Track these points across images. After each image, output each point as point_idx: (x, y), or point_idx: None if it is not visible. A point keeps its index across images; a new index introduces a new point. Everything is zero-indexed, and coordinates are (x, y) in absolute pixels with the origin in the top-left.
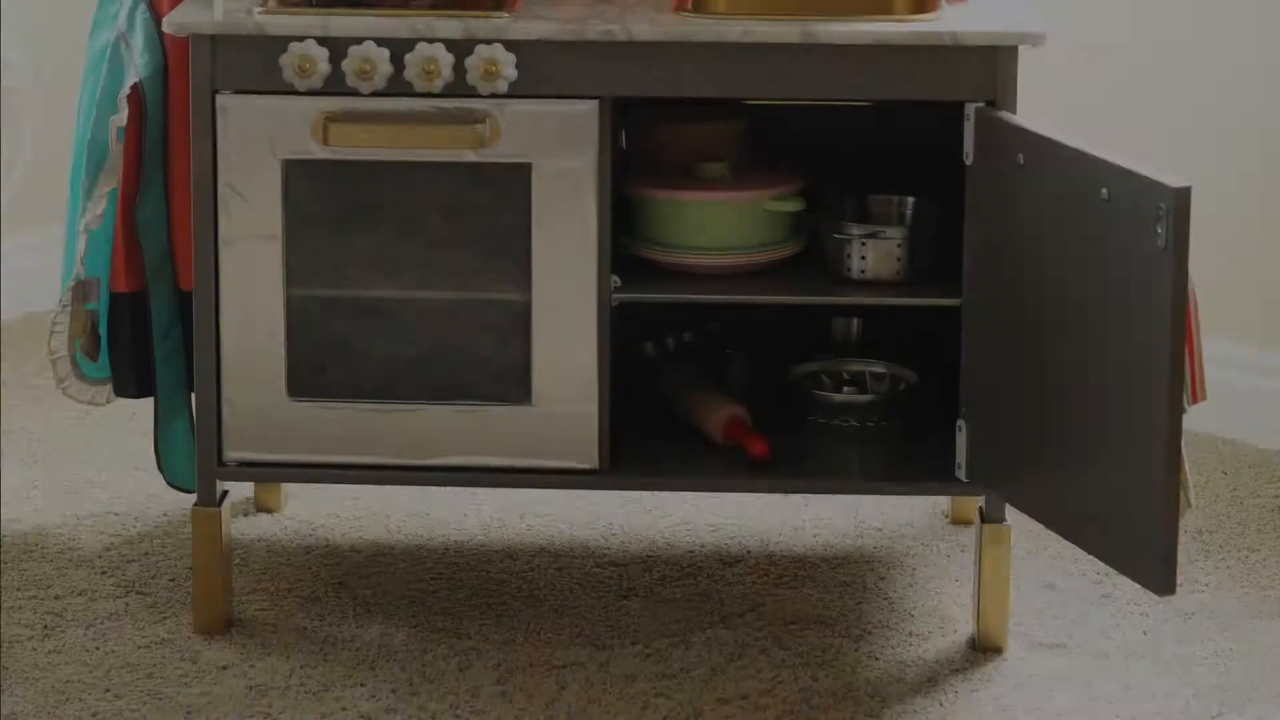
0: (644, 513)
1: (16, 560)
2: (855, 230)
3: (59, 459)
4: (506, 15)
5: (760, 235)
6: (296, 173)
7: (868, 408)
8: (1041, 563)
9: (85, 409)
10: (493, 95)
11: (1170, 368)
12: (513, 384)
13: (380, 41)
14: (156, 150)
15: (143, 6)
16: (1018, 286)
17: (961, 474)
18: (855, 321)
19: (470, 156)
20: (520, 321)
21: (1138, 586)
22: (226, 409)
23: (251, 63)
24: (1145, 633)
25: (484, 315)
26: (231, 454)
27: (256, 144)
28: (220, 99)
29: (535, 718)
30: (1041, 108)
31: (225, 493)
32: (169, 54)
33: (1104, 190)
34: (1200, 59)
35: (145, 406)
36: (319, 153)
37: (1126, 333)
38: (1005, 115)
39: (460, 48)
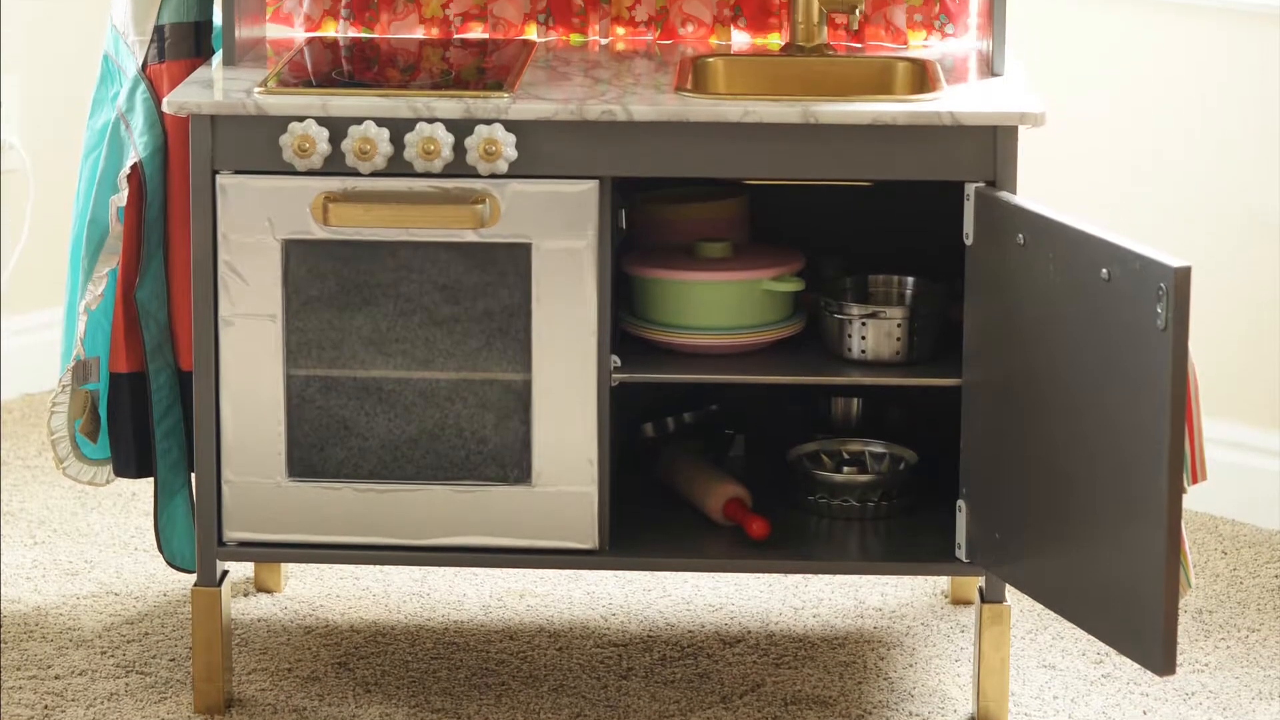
0: (644, 592)
1: (17, 640)
2: (855, 310)
3: (59, 539)
4: (506, 95)
5: (760, 315)
6: (296, 253)
7: (868, 488)
8: (1041, 642)
9: (85, 489)
10: (493, 175)
11: (1170, 447)
12: (512, 464)
13: (380, 121)
14: (156, 230)
15: (143, 87)
16: (1018, 366)
17: (961, 554)
18: (855, 401)
19: (470, 236)
20: (520, 401)
21: (1138, 666)
22: (226, 489)
23: (251, 143)
24: (1145, 713)
25: (484, 395)
26: (231, 534)
27: (256, 224)
28: (220, 179)
29: None
30: (1042, 187)
31: (225, 573)
32: (169, 134)
33: (1104, 270)
34: (1202, 141)
35: (145, 487)
36: (319, 233)
37: (1127, 412)
38: (1005, 195)
39: (460, 128)
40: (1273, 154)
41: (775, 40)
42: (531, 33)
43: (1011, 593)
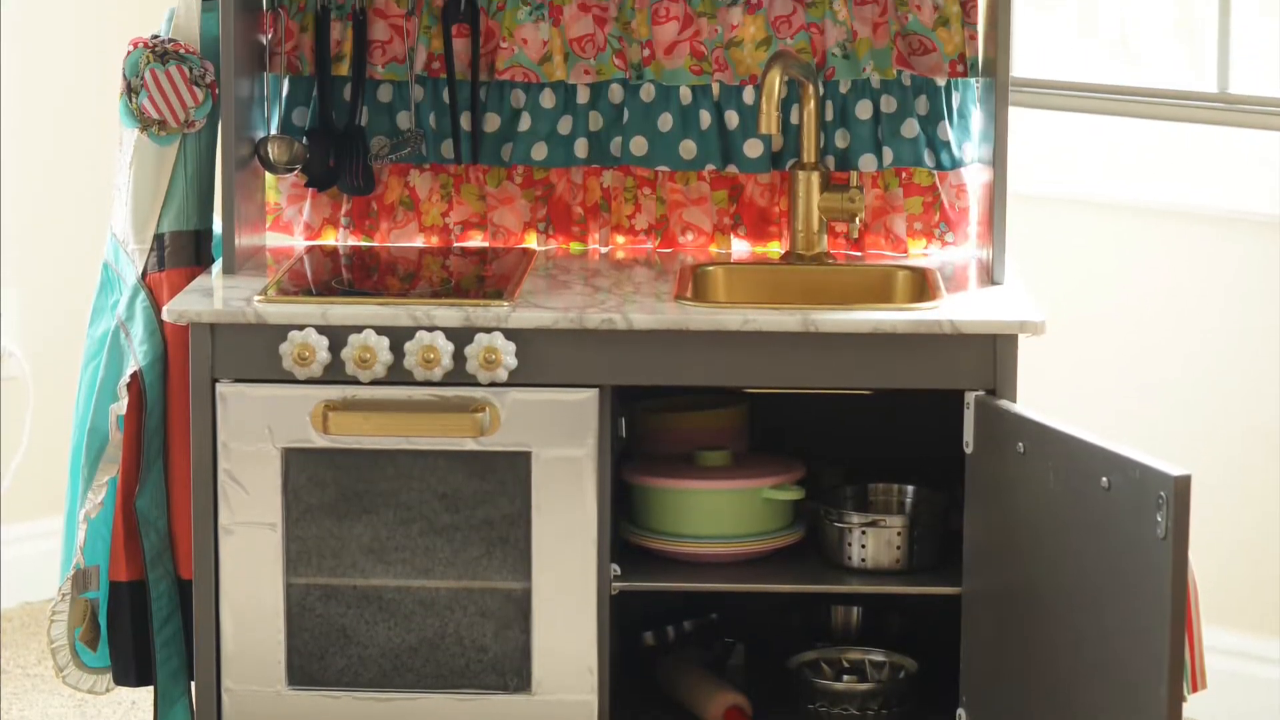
0: None
1: None
2: (855, 519)
3: None
4: (506, 304)
5: (760, 524)
6: (296, 461)
7: (867, 696)
8: None
9: (85, 697)
10: (493, 384)
11: (1171, 655)
12: (512, 672)
13: (380, 330)
14: (156, 438)
15: (143, 295)
16: (1018, 574)
17: None
18: (855, 610)
19: (470, 445)
20: (520, 610)
21: None
22: (226, 697)
23: (251, 351)
24: None
25: (484, 603)
26: None
27: (256, 432)
28: (220, 387)
29: None
30: (1042, 395)
31: None
32: (169, 342)
33: (1104, 479)
34: (1202, 348)
35: (145, 695)
36: (319, 441)
37: (1127, 620)
38: (1005, 404)
39: (460, 336)
40: (1271, 361)
41: (775, 249)
42: (531, 241)
43: None
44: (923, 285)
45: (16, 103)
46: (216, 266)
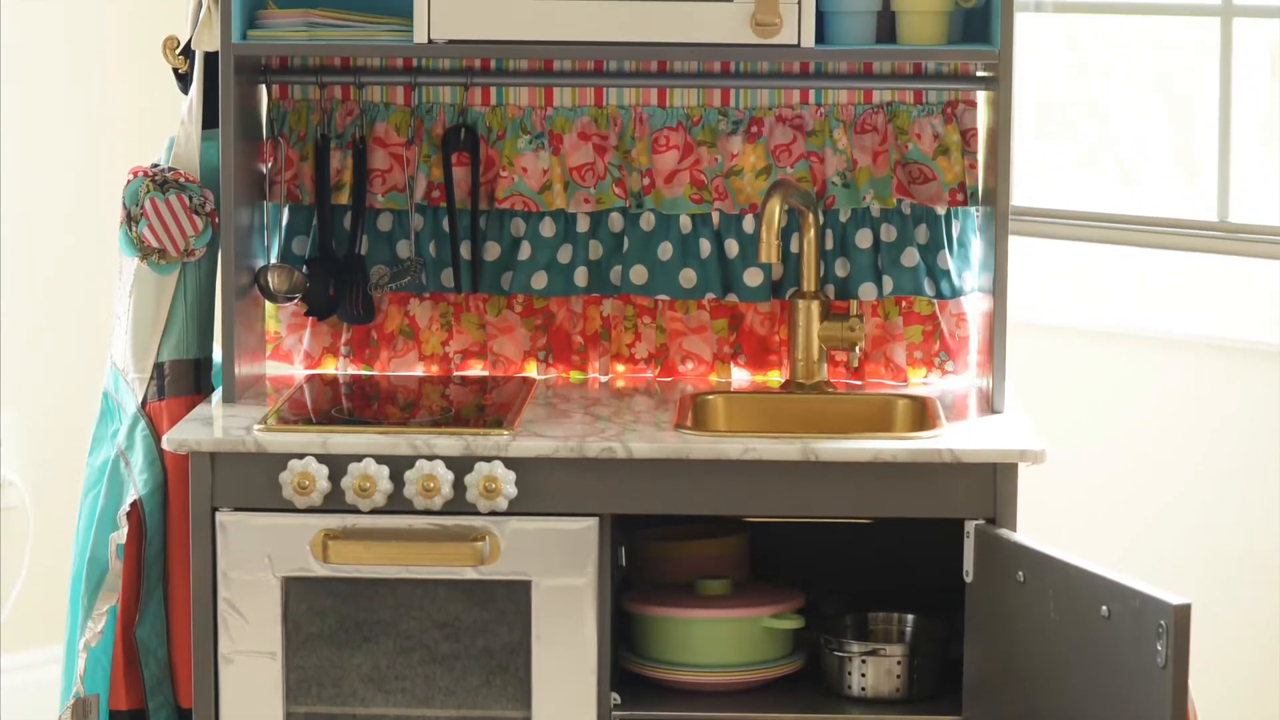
0: None
1: None
2: (855, 647)
3: None
4: (506, 433)
5: (760, 653)
6: (296, 590)
7: None
8: None
9: None
10: (492, 513)
11: None
12: None
13: (380, 459)
14: (156, 567)
15: (142, 424)
16: (1019, 703)
17: None
18: None
19: (470, 574)
20: None
21: None
22: None
23: (251, 480)
24: None
25: None
26: None
27: (256, 561)
28: (219, 516)
29: None
30: (1041, 523)
31: None
32: (168, 471)
33: (1105, 608)
34: (1201, 477)
35: None
36: (319, 570)
37: None
38: (1005, 533)
39: (460, 465)
40: (1272, 490)
41: (775, 377)
42: (531, 370)
43: None
44: (923, 414)
45: (17, 232)
46: (216, 395)
